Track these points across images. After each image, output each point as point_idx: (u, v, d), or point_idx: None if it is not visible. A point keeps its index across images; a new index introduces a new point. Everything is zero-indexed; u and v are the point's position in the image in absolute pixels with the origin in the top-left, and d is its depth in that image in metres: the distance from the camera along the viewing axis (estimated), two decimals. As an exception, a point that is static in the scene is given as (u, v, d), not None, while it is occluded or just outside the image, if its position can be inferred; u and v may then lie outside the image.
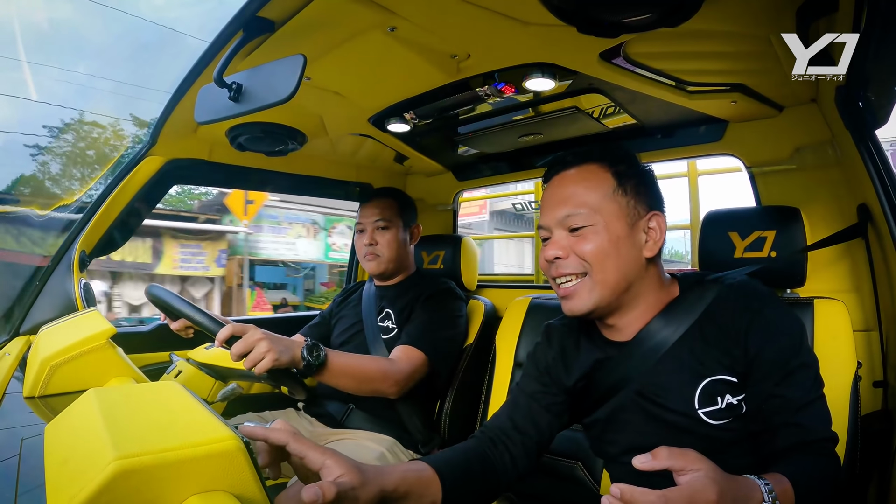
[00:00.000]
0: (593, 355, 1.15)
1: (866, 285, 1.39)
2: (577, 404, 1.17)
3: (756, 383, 0.97)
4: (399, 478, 0.87)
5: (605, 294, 1.05)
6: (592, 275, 1.04)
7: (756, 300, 1.01)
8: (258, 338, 1.25)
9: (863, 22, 0.92)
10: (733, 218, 1.47)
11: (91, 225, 1.74)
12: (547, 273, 1.11)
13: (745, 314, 0.99)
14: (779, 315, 1.00)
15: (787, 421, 0.93)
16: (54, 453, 0.66)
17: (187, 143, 1.83)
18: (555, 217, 1.08)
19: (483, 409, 1.84)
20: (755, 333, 0.98)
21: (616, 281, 1.04)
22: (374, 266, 1.93)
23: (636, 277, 1.07)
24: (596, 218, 1.04)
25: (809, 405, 0.94)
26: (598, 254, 1.03)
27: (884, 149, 1.18)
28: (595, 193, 1.06)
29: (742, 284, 1.06)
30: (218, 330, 1.27)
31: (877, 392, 1.32)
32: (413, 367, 1.65)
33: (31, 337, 1.59)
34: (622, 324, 1.10)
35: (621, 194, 1.06)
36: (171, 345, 1.84)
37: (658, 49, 1.23)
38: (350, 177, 2.46)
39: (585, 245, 1.04)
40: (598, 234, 1.04)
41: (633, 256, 1.06)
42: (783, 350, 0.96)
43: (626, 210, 1.06)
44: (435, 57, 1.31)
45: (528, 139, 1.97)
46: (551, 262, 1.08)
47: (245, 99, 1.04)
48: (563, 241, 1.07)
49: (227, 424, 0.66)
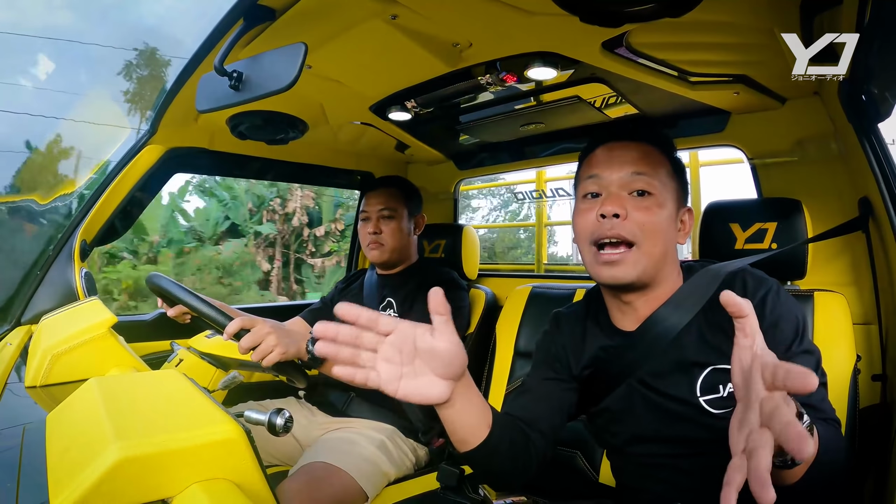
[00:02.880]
0: (601, 343, 1.15)
1: (866, 279, 1.39)
2: (584, 393, 1.17)
3: None
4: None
5: (648, 268, 1.02)
6: (641, 247, 1.01)
7: (760, 288, 1.00)
8: (267, 331, 1.26)
9: (867, 15, 0.91)
10: (734, 209, 1.47)
11: (92, 214, 1.74)
12: (592, 233, 1.04)
13: (749, 301, 0.99)
14: (782, 303, 0.99)
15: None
16: (56, 442, 0.66)
17: (188, 132, 1.83)
18: (622, 172, 1.04)
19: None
20: (758, 320, 0.97)
21: (659, 257, 1.03)
22: (377, 255, 1.92)
23: (671, 258, 1.07)
24: (660, 189, 1.03)
25: (816, 391, 0.93)
26: (655, 227, 1.01)
27: (886, 143, 1.18)
28: (662, 167, 1.05)
29: (746, 273, 1.05)
30: (226, 323, 1.27)
31: (875, 385, 1.32)
32: None
33: (32, 327, 1.59)
34: (638, 304, 1.08)
35: (675, 179, 1.07)
36: (171, 334, 1.84)
37: (661, 39, 1.22)
38: (351, 165, 2.46)
39: (645, 214, 1.01)
40: (661, 206, 1.02)
41: (674, 239, 1.06)
42: (786, 337, 0.96)
43: (676, 194, 1.06)
44: (436, 45, 1.30)
45: (530, 128, 1.96)
46: (605, 220, 1.01)
47: (246, 87, 1.03)
48: (624, 201, 1.02)
49: (228, 413, 0.67)
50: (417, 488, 1.61)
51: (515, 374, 1.83)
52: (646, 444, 1.09)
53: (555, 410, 1.15)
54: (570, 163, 2.40)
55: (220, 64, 1.03)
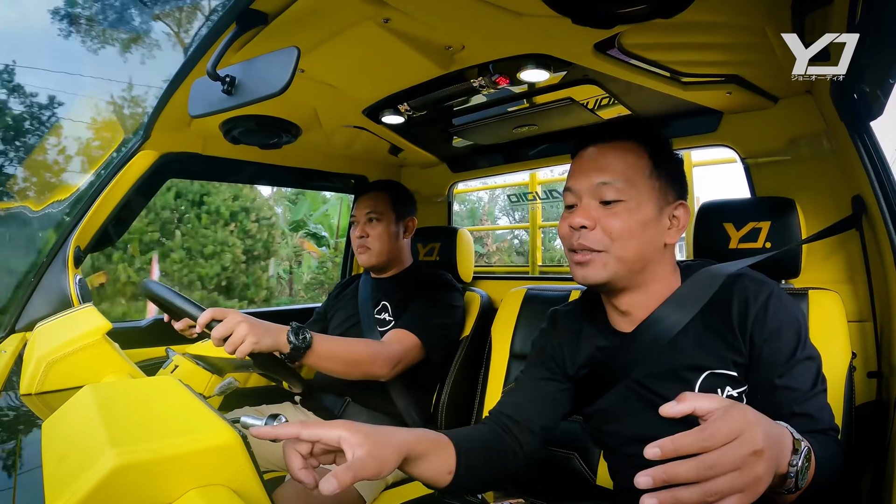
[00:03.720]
0: (596, 342, 1.15)
1: (861, 276, 1.39)
2: (579, 393, 1.17)
3: (760, 375, 0.97)
4: (417, 442, 0.88)
5: (620, 270, 1.02)
6: (610, 251, 1.02)
7: (762, 292, 1.00)
8: (238, 321, 1.25)
9: (858, 13, 0.92)
10: (728, 209, 1.48)
11: (85, 220, 1.74)
12: (567, 241, 1.07)
13: (751, 306, 0.98)
14: (784, 308, 0.99)
15: (794, 411, 0.92)
16: (52, 450, 0.66)
17: (181, 137, 1.83)
18: (589, 183, 1.04)
19: (479, 401, 1.85)
20: (760, 325, 0.97)
21: (633, 260, 1.02)
22: (365, 258, 1.93)
23: (652, 261, 1.05)
24: (630, 194, 1.02)
25: (815, 397, 0.93)
26: (624, 232, 1.01)
27: (878, 140, 1.18)
28: (633, 170, 1.03)
29: (748, 276, 1.04)
30: (198, 314, 1.27)
31: (871, 383, 1.33)
32: (404, 349, 1.65)
33: (26, 334, 1.59)
34: (632, 307, 1.08)
35: (656, 177, 1.04)
36: (167, 340, 1.83)
37: (653, 40, 1.23)
38: (345, 169, 2.46)
39: (615, 221, 1.01)
40: (630, 212, 1.01)
41: (655, 240, 1.04)
42: (789, 342, 0.96)
43: (657, 193, 1.04)
44: (429, 48, 1.30)
45: (523, 130, 1.96)
46: (575, 231, 1.04)
47: (239, 92, 1.03)
48: (593, 211, 1.03)
49: (224, 419, 0.66)
50: (415, 492, 1.61)
51: (511, 376, 1.83)
52: (642, 444, 1.09)
53: (548, 411, 1.16)
54: (563, 164, 2.41)
55: (212, 68, 1.03)
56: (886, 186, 1.17)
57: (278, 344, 1.31)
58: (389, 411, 1.78)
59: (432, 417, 1.91)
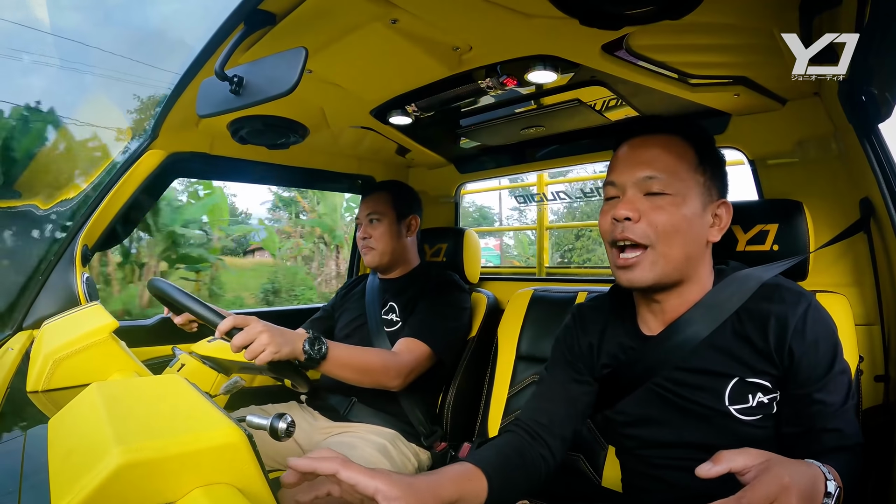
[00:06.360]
0: (621, 342, 1.14)
1: (868, 279, 1.38)
2: (602, 394, 1.16)
3: (796, 388, 0.96)
4: (453, 487, 0.88)
5: (667, 269, 1.01)
6: (657, 248, 1.00)
7: (801, 304, 0.98)
8: (259, 330, 1.26)
9: (866, 15, 0.91)
10: (735, 211, 1.45)
11: (93, 219, 1.74)
12: (609, 235, 1.05)
13: (790, 318, 0.96)
14: (822, 320, 0.98)
15: (825, 426, 0.92)
16: (58, 447, 0.66)
17: (189, 137, 1.83)
18: (634, 176, 1.03)
19: (485, 402, 1.85)
20: (799, 338, 0.95)
21: (679, 258, 1.01)
22: (369, 259, 1.95)
23: (697, 258, 1.04)
24: (677, 187, 1.00)
25: (846, 411, 0.93)
26: (669, 227, 0.99)
27: (886, 143, 1.18)
28: (679, 164, 1.02)
29: (784, 286, 1.03)
30: (219, 322, 1.27)
31: (878, 386, 1.32)
32: (416, 359, 1.66)
33: (33, 332, 1.59)
34: (666, 307, 1.07)
35: (700, 172, 1.03)
36: (173, 338, 1.84)
37: (660, 42, 1.22)
38: (352, 169, 2.46)
39: (660, 215, 0.99)
40: (676, 206, 1.00)
41: (700, 237, 1.03)
42: (826, 355, 0.95)
43: (702, 189, 1.03)
44: (437, 49, 1.30)
45: (531, 132, 1.96)
46: (619, 223, 1.02)
47: (246, 92, 1.03)
48: (638, 203, 1.02)
49: (230, 417, 0.66)
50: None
51: (517, 377, 1.83)
52: (662, 448, 1.08)
53: (577, 415, 1.15)
54: (570, 166, 2.40)
55: (220, 68, 1.03)
56: (895, 189, 1.16)
57: (295, 352, 1.33)
58: (395, 412, 1.78)
59: (438, 418, 1.91)
